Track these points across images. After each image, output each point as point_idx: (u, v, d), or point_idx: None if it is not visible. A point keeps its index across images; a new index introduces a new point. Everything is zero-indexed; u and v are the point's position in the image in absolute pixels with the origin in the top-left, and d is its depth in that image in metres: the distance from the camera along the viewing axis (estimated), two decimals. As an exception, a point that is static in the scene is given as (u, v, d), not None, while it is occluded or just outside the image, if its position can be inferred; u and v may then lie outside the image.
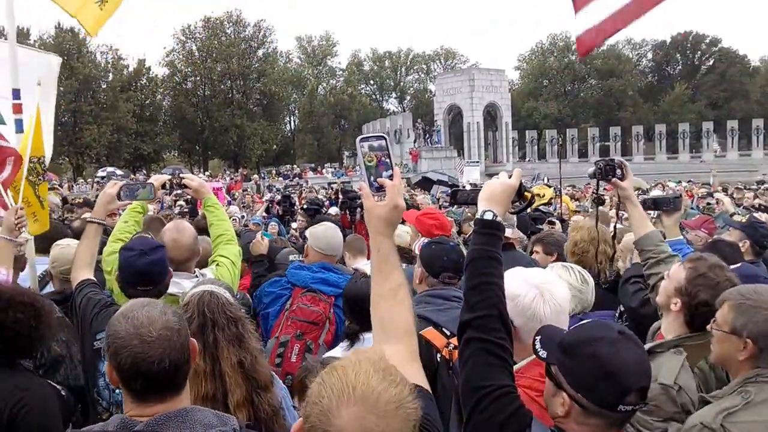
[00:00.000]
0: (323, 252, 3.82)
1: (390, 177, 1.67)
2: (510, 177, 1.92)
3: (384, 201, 1.65)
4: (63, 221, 6.64)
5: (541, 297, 2.02)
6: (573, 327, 1.75)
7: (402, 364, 1.48)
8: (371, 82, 72.31)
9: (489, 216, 1.82)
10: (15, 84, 3.90)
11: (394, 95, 73.44)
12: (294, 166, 49.61)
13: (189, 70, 55.41)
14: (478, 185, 2.95)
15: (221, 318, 2.30)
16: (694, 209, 9.81)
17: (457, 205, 6.31)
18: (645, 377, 1.57)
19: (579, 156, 48.19)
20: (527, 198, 1.97)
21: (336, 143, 64.57)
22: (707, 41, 64.97)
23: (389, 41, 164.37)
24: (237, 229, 5.80)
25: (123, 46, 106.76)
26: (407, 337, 1.63)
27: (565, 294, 2.14)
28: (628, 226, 4.07)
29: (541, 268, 3.02)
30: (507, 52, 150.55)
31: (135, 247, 2.78)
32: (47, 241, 3.83)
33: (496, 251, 1.79)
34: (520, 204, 1.99)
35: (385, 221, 1.65)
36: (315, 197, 13.31)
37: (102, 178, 33.55)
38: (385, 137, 1.73)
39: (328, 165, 49.46)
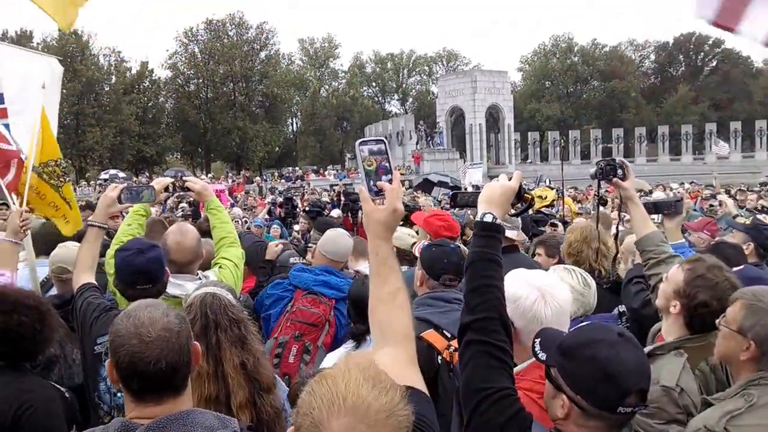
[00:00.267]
0: (330, 257, 3.84)
1: (389, 181, 1.66)
2: (510, 179, 1.93)
3: (383, 205, 1.65)
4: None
5: (543, 299, 2.02)
6: (572, 329, 1.75)
7: (400, 367, 1.49)
8: (373, 84, 72.30)
9: (489, 218, 1.82)
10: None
11: (396, 97, 73.49)
12: (296, 168, 49.66)
13: (191, 72, 55.50)
14: (479, 187, 2.94)
15: (224, 320, 2.31)
16: (696, 211, 9.77)
17: (458, 208, 6.28)
18: (644, 379, 1.58)
19: (581, 158, 48.10)
20: (527, 200, 1.98)
21: (338, 145, 64.55)
22: (710, 42, 64.69)
23: (391, 43, 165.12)
24: (239, 232, 5.80)
25: (123, 46, 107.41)
26: (406, 341, 1.62)
27: (567, 296, 2.13)
28: (629, 227, 4.06)
29: (543, 270, 3.03)
30: (508, 52, 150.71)
31: (131, 247, 2.79)
32: (48, 244, 3.84)
33: (495, 253, 1.80)
34: (520, 206, 2.00)
35: (384, 225, 1.65)
36: (317, 199, 13.30)
37: (104, 180, 33.63)
38: (385, 141, 1.73)
39: (330, 167, 49.56)
